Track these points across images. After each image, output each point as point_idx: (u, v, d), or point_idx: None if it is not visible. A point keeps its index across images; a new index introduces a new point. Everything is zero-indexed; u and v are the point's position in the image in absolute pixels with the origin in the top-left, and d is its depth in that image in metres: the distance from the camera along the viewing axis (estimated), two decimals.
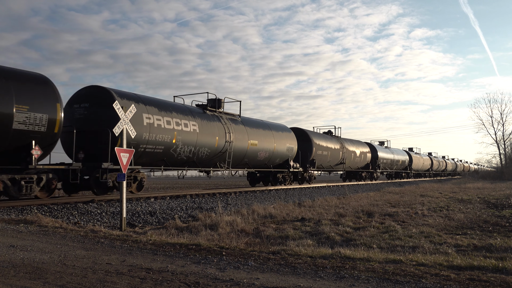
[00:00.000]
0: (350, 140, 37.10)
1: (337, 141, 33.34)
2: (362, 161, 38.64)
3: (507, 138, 70.74)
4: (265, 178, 26.07)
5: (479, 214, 14.53)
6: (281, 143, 24.53)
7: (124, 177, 9.55)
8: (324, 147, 30.07)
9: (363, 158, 38.53)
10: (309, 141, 28.32)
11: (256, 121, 24.03)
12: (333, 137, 33.60)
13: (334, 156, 32.00)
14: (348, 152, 34.53)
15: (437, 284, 4.61)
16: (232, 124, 20.58)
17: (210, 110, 20.13)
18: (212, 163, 19.58)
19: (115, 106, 9.88)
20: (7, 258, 5.72)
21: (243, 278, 4.84)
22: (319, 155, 29.22)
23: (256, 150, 22.15)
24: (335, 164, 32.90)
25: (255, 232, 10.46)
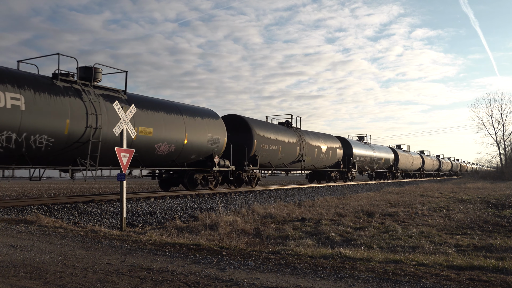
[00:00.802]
0: (314, 133, 30.71)
1: (293, 133, 26.72)
2: (331, 158, 32.16)
3: (507, 138, 70.72)
4: (180, 179, 19.37)
5: (479, 214, 14.53)
6: (198, 132, 18.13)
7: (124, 177, 9.54)
8: (272, 140, 23.68)
9: (331, 155, 32.05)
10: (248, 132, 21.86)
11: (155, 101, 17.10)
12: (289, 129, 26.97)
13: (288, 152, 25.58)
14: (309, 147, 28.12)
15: (437, 284, 4.61)
16: (107, 102, 14.29)
17: (64, 80, 13.64)
18: (63, 159, 13.41)
19: (115, 106, 9.87)
20: (7, 258, 5.72)
21: (243, 278, 4.84)
22: (263, 150, 22.76)
23: (150, 141, 15.69)
24: (291, 162, 26.44)
25: (255, 232, 10.46)
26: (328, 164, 32.59)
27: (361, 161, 38.09)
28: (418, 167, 58.27)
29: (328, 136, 33.20)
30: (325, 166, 32.23)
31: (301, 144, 27.17)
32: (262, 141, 22.67)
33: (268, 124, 25.30)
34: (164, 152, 16.55)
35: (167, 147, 16.62)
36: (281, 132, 25.37)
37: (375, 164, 41.67)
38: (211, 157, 19.20)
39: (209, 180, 19.94)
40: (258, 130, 22.68)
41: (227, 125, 20.81)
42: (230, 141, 20.81)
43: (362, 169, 39.12)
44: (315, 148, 29.34)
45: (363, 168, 39.43)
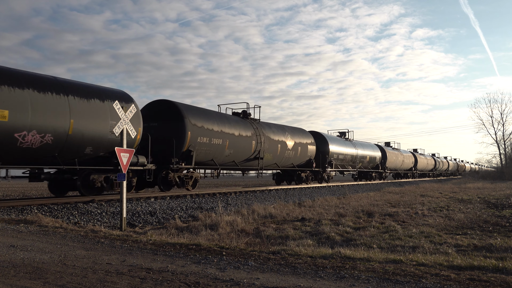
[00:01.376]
0: (278, 126, 26.14)
1: (248, 125, 22.13)
2: (300, 156, 27.41)
3: (507, 138, 70.78)
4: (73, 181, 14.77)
5: (479, 214, 14.53)
6: (94, 119, 13.62)
7: (124, 177, 9.54)
8: (215, 132, 18.79)
9: (301, 152, 27.32)
10: (179, 121, 17.17)
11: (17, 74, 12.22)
12: (242, 120, 22.39)
13: (240, 148, 20.85)
14: (269, 143, 23.57)
15: (437, 284, 4.61)
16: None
17: None
18: None
19: (115, 106, 9.86)
20: (7, 258, 5.72)
21: (243, 278, 4.84)
22: (202, 144, 17.98)
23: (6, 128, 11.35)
24: (244, 159, 21.65)
25: (255, 232, 10.46)
26: (297, 163, 27.53)
27: (339, 160, 33.25)
28: (410, 166, 54.38)
29: (297, 130, 28.18)
30: (292, 165, 27.15)
31: (259, 138, 22.42)
32: (199, 133, 17.84)
33: (210, 113, 19.88)
34: (34, 144, 12.02)
35: (39, 138, 12.08)
36: (229, 123, 20.39)
37: (357, 162, 36.96)
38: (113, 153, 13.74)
39: (115, 182, 14.76)
40: (194, 119, 17.78)
41: (151, 112, 17.30)
42: (153, 133, 16.58)
43: (341, 168, 34.16)
44: (278, 144, 24.65)
45: (343, 167, 34.50)
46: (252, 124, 22.79)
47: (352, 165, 36.20)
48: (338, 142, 33.77)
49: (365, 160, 38.83)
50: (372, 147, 41.76)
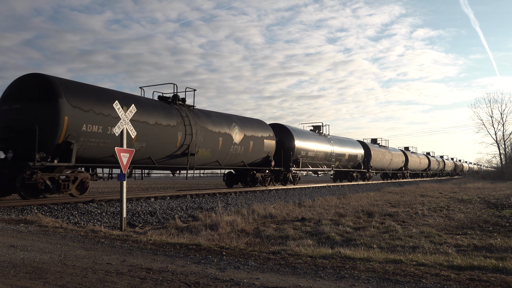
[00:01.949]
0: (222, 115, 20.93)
1: (173, 113, 17.16)
2: (253, 152, 22.43)
3: (507, 138, 70.74)
4: None
5: (479, 214, 14.53)
6: None
7: (124, 177, 9.54)
8: (113, 119, 13.63)
9: (253, 148, 22.28)
10: (50, 101, 12.57)
11: None
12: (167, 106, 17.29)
13: (157, 140, 16.04)
14: (206, 135, 18.51)
15: (437, 284, 4.61)
16: None
17: None
18: None
19: (115, 106, 9.85)
20: (7, 258, 5.72)
21: (243, 278, 4.84)
22: (91, 134, 13.38)
23: None
24: (165, 156, 16.82)
25: (255, 232, 10.46)
26: (250, 161, 22.57)
27: (309, 157, 28.35)
28: (399, 166, 50.04)
29: (250, 122, 23.11)
30: (243, 164, 22.13)
31: (188, 128, 17.44)
32: (86, 119, 13.25)
33: (108, 93, 14.84)
34: None
35: None
36: (142, 109, 15.46)
37: (333, 161, 31.96)
38: None
39: None
40: (77, 99, 13.14)
41: (14, 90, 13.32)
42: (15, 118, 12.89)
43: (312, 167, 29.29)
44: (220, 137, 19.63)
45: (315, 166, 29.56)
46: (180, 111, 17.60)
47: (327, 163, 31.31)
48: (308, 137, 28.60)
49: (343, 158, 34.04)
50: (353, 144, 37.15)
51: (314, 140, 29.52)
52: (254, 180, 23.64)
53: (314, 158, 29.11)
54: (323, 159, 30.58)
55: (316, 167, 30.14)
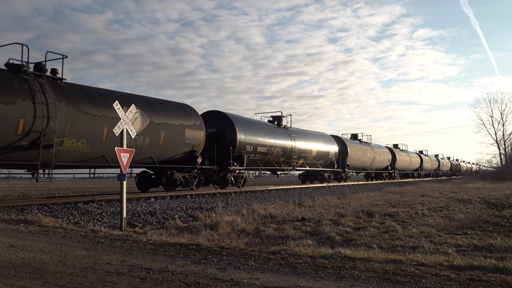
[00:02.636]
0: (114, 93, 15.49)
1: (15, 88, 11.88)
2: (166, 146, 16.67)
3: (507, 138, 70.69)
4: None
5: (479, 214, 14.53)
6: None
7: (124, 177, 9.54)
8: None
9: (167, 140, 16.57)
10: None
11: None
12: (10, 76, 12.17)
13: None
14: (78, 120, 13.25)
15: (437, 284, 4.61)
16: None
17: None
18: None
19: (115, 106, 9.85)
20: (8, 258, 5.72)
21: (243, 278, 4.84)
22: None
23: None
24: None
25: (255, 232, 10.47)
26: (164, 157, 17.01)
27: (259, 153, 22.66)
28: (385, 165, 44.32)
29: (163, 105, 17.42)
30: (151, 161, 16.42)
31: (40, 110, 12.20)
32: None
33: None
34: None
35: None
36: None
37: (295, 158, 26.15)
38: None
39: None
40: None
41: None
42: None
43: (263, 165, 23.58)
44: (105, 123, 14.02)
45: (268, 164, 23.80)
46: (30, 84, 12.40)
47: (286, 161, 25.50)
48: (258, 129, 22.88)
49: (310, 155, 28.00)
50: (324, 139, 31.29)
51: (267, 133, 23.63)
52: (171, 183, 18.18)
53: (266, 154, 23.47)
54: (280, 156, 24.85)
55: (270, 166, 24.56)
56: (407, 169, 53.87)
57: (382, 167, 44.37)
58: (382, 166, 44.09)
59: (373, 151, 41.00)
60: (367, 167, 40.76)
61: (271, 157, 23.96)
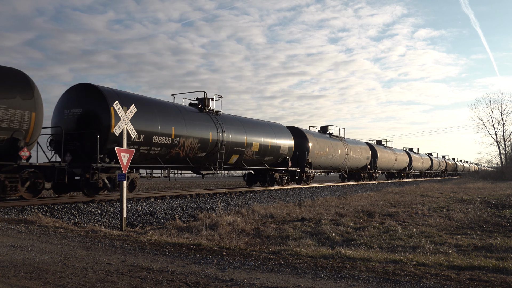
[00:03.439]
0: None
1: None
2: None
3: (507, 138, 70.73)
4: None
5: (480, 214, 14.53)
6: None
7: (124, 177, 9.55)
8: None
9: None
10: None
11: None
12: None
13: None
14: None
15: (438, 284, 4.61)
16: None
17: None
18: None
19: (115, 106, 9.86)
20: (8, 258, 5.73)
21: (243, 278, 4.84)
22: None
23: None
24: None
25: (255, 232, 10.47)
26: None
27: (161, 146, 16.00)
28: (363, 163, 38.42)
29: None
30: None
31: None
32: None
33: None
34: None
35: None
36: None
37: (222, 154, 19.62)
38: None
39: None
40: None
41: None
42: None
43: (162, 163, 16.52)
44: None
45: (181, 162, 17.76)
46: None
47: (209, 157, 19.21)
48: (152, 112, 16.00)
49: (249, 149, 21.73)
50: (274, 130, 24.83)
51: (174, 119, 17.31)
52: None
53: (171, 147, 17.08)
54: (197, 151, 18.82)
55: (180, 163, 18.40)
56: (392, 169, 47.92)
57: (359, 166, 38.15)
58: (359, 165, 37.82)
59: (347, 147, 34.50)
60: (339, 166, 33.76)
61: (181, 151, 17.44)
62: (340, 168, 34.77)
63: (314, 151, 28.83)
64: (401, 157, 50.24)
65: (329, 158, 31.51)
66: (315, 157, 29.09)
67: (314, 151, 28.72)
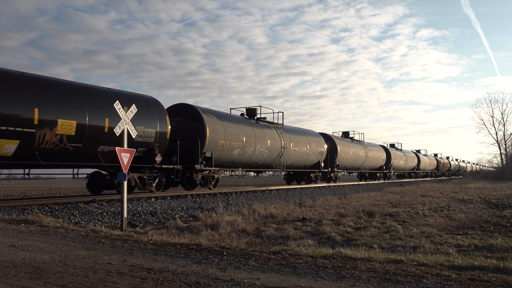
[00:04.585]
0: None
1: None
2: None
3: (508, 138, 70.65)
4: None
5: (480, 214, 14.52)
6: None
7: (124, 177, 9.54)
8: None
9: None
10: None
11: None
12: None
13: None
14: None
15: (438, 284, 4.61)
16: None
17: None
18: None
19: (116, 106, 9.85)
20: (8, 258, 5.73)
21: (244, 278, 4.84)
22: None
23: None
24: None
25: (256, 232, 10.46)
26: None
27: None
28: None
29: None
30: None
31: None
32: None
33: None
34: None
35: None
36: None
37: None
38: None
39: None
40: None
41: None
42: None
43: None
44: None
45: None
46: None
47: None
48: None
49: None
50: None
51: None
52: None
53: None
54: None
55: None
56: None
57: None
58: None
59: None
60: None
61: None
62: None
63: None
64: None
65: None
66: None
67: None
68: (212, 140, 19.37)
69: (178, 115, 19.57)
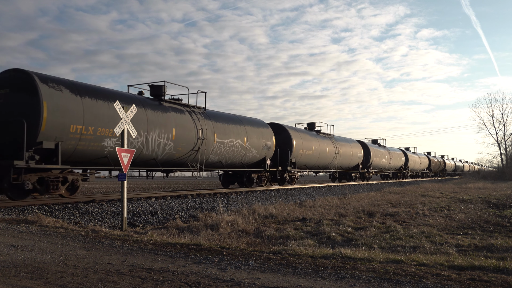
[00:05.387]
0: None
1: None
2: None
3: (508, 138, 70.70)
4: None
5: (480, 214, 14.52)
6: None
7: (124, 177, 9.55)
8: None
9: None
10: None
11: None
12: None
13: None
14: None
15: (438, 284, 4.61)
16: None
17: None
18: None
19: (116, 106, 9.83)
20: (8, 258, 5.73)
21: (244, 278, 4.84)
22: None
23: None
24: None
25: (256, 232, 10.46)
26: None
27: None
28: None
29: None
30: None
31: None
32: None
33: None
34: None
35: None
36: None
37: None
38: None
39: None
40: None
41: None
42: None
43: None
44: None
45: None
46: None
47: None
48: None
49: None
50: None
51: None
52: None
53: None
54: None
55: None
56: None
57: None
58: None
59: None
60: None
61: None
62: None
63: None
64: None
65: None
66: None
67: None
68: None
69: (3, 86, 12.78)
